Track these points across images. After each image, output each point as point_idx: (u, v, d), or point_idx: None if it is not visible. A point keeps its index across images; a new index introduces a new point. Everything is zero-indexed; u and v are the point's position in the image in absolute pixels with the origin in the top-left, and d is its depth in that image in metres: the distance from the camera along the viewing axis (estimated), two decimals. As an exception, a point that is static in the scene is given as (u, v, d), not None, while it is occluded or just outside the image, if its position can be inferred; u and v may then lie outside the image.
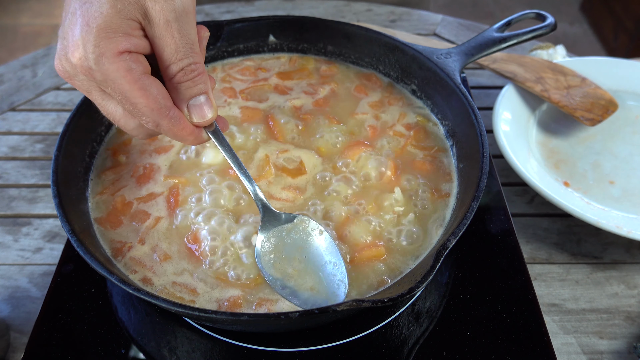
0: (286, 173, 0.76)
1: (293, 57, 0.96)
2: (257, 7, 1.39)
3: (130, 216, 0.72)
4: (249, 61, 0.96)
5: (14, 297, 0.80)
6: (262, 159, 0.78)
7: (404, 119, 0.86)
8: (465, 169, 0.75)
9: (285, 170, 0.76)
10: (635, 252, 0.86)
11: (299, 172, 0.76)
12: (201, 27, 0.60)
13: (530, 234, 0.89)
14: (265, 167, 0.76)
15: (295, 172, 0.76)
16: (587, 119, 0.97)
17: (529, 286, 0.73)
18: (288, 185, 0.75)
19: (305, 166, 0.77)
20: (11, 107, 1.13)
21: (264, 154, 0.78)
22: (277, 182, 0.75)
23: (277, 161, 0.77)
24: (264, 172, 0.76)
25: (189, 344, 0.68)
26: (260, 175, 0.76)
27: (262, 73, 0.94)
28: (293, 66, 0.95)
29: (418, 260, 0.67)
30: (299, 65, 0.95)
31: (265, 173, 0.76)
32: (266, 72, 0.94)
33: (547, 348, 0.67)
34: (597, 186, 0.91)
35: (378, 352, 0.67)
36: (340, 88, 0.91)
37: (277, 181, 0.75)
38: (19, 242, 0.88)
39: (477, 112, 0.74)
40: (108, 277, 0.57)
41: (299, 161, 0.77)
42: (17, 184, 0.97)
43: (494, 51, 0.86)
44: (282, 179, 0.76)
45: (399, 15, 1.38)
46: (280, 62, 0.96)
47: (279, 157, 0.78)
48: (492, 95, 1.13)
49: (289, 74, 0.93)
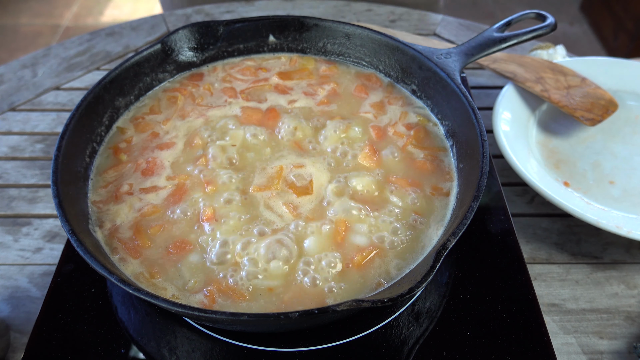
0: (292, 190, 0.75)
1: (293, 57, 0.96)
2: (257, 7, 1.39)
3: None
4: (249, 61, 0.96)
5: (14, 297, 0.80)
6: (276, 171, 0.77)
7: (405, 119, 0.86)
8: (465, 169, 0.75)
9: (292, 187, 0.75)
10: (635, 252, 0.86)
11: (305, 192, 0.75)
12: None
13: (530, 234, 0.89)
14: (275, 179, 0.75)
15: (302, 190, 0.75)
16: (587, 119, 0.97)
17: (529, 286, 0.73)
18: (290, 202, 0.73)
19: (314, 185, 0.75)
20: (11, 107, 1.13)
21: (279, 166, 0.77)
22: (281, 196, 0.74)
23: (289, 176, 0.76)
24: (272, 184, 0.75)
25: (189, 344, 0.68)
26: (267, 186, 0.75)
27: (262, 73, 0.94)
28: (293, 66, 0.95)
29: (418, 260, 0.67)
30: (299, 65, 0.95)
31: (273, 185, 0.75)
32: (267, 72, 0.94)
33: (547, 348, 0.67)
34: (597, 186, 0.91)
35: (378, 352, 0.67)
36: (340, 88, 0.91)
37: (280, 195, 0.74)
38: (19, 242, 0.88)
39: (477, 112, 0.74)
40: (108, 277, 0.57)
41: (309, 180, 0.76)
42: (17, 184, 0.97)
43: (494, 51, 0.86)
44: (287, 194, 0.74)
45: (399, 15, 1.38)
46: (280, 62, 0.96)
47: (292, 171, 0.76)
48: (492, 95, 1.13)
49: (289, 74, 0.93)
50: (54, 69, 1.23)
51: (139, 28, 1.34)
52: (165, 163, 0.78)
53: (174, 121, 0.85)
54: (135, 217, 0.72)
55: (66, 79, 1.20)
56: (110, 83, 0.82)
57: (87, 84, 1.19)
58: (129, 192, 0.74)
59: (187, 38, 0.90)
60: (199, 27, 0.91)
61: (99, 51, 1.27)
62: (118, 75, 0.83)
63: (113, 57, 1.26)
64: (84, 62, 1.25)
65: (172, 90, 0.90)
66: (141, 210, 0.72)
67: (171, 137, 0.82)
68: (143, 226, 0.71)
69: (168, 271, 0.66)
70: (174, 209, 0.72)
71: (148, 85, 0.90)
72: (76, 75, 1.21)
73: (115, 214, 0.72)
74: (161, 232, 0.70)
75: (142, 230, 0.70)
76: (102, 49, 1.28)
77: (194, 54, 0.92)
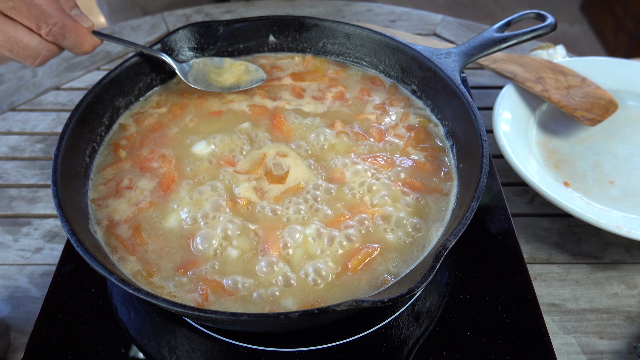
0: (268, 176, 0.76)
1: (307, 57, 0.96)
2: (257, 7, 1.39)
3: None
4: (263, 59, 0.96)
5: (14, 297, 0.80)
6: (259, 157, 0.78)
7: (406, 120, 0.86)
8: (465, 169, 0.75)
9: (269, 174, 0.76)
10: (635, 252, 0.86)
11: (278, 180, 0.75)
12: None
13: (530, 234, 0.89)
14: (257, 164, 0.77)
15: (276, 179, 0.76)
16: (587, 119, 0.97)
17: (529, 286, 0.73)
18: (259, 188, 0.74)
19: (288, 178, 0.76)
20: (11, 107, 1.13)
21: (262, 152, 0.78)
22: (257, 182, 0.75)
23: (269, 163, 0.77)
24: (252, 169, 0.76)
25: (189, 344, 0.68)
26: (249, 170, 0.76)
27: (276, 72, 0.94)
28: (306, 67, 0.95)
29: (418, 260, 0.67)
30: (312, 67, 0.95)
31: (253, 169, 0.76)
32: (281, 72, 0.94)
33: (547, 348, 0.67)
34: (597, 186, 0.91)
35: (378, 352, 0.67)
36: (346, 91, 0.91)
37: (257, 182, 0.75)
38: (19, 242, 0.88)
39: (477, 112, 0.74)
40: (108, 277, 0.57)
41: (286, 170, 0.77)
42: (17, 184, 0.97)
43: (494, 51, 0.86)
44: (262, 181, 0.75)
45: (399, 15, 1.38)
46: (294, 62, 0.96)
47: (274, 159, 0.78)
48: (492, 95, 1.13)
49: (301, 75, 0.93)
50: (54, 68, 1.23)
51: (139, 28, 1.34)
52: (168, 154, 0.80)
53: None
54: (133, 212, 0.72)
55: (66, 79, 1.20)
56: (110, 83, 0.82)
57: (87, 84, 1.19)
58: (128, 187, 0.75)
59: (187, 38, 0.90)
60: (198, 27, 0.91)
61: (99, 51, 1.27)
62: (118, 75, 0.83)
63: (113, 57, 1.26)
64: (84, 62, 1.25)
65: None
66: (139, 205, 0.73)
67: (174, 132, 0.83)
68: (141, 222, 0.71)
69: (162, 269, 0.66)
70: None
71: (148, 85, 0.90)
72: (76, 75, 1.21)
73: (114, 210, 0.72)
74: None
75: (140, 228, 0.70)
76: (102, 49, 1.28)
77: (194, 54, 0.92)
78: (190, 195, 0.73)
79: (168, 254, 0.68)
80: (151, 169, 0.78)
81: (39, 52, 0.69)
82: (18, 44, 0.66)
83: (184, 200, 0.73)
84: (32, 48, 0.67)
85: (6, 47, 0.66)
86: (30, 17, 0.65)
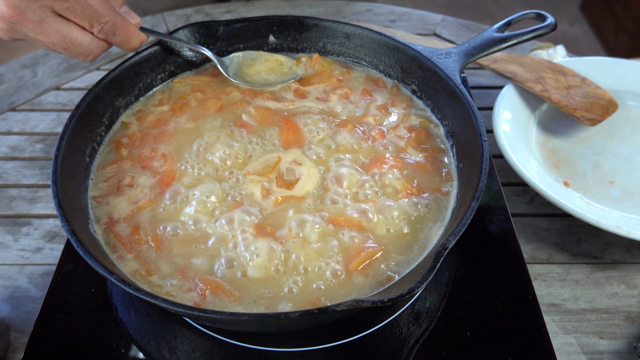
0: (279, 180, 0.75)
1: (314, 57, 0.96)
2: (257, 7, 1.39)
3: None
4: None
5: (14, 297, 0.80)
6: (274, 160, 0.77)
7: (407, 121, 0.86)
8: (465, 169, 0.75)
9: (280, 178, 0.76)
10: (635, 252, 0.86)
11: (287, 186, 0.75)
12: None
13: (530, 234, 0.89)
14: (271, 168, 0.76)
15: (286, 184, 0.75)
16: (587, 119, 0.97)
17: (529, 286, 0.73)
18: (266, 189, 0.74)
19: (296, 185, 0.75)
20: (11, 107, 1.13)
21: (277, 156, 0.78)
22: (267, 185, 0.75)
23: (282, 168, 0.77)
24: (266, 172, 0.76)
25: (189, 344, 0.68)
26: (262, 173, 0.76)
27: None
28: (314, 68, 0.95)
29: (418, 260, 0.67)
30: (319, 67, 0.95)
31: (266, 172, 0.76)
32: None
33: (547, 348, 0.67)
34: (597, 186, 0.91)
35: (378, 352, 0.67)
36: (351, 93, 0.91)
37: (268, 184, 0.75)
38: (19, 242, 0.88)
39: (477, 112, 0.74)
40: (108, 277, 0.57)
41: (297, 178, 0.76)
42: (17, 184, 0.97)
43: (494, 51, 0.86)
44: (272, 184, 0.75)
45: (399, 15, 1.38)
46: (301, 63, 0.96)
47: (289, 165, 0.77)
48: (492, 95, 1.13)
49: (308, 79, 0.93)
50: (54, 68, 1.23)
51: (139, 28, 1.34)
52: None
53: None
54: (133, 210, 0.72)
55: (66, 78, 1.20)
56: (110, 83, 0.82)
57: (87, 84, 1.19)
58: (129, 185, 0.75)
59: (187, 38, 0.90)
60: (199, 27, 0.91)
61: (99, 51, 1.27)
62: (118, 75, 0.83)
63: (113, 57, 1.26)
64: (83, 62, 1.25)
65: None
66: (138, 203, 0.73)
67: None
68: (141, 220, 0.71)
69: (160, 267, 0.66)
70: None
71: (148, 85, 0.90)
72: (76, 75, 1.21)
73: (114, 207, 0.72)
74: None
75: (139, 226, 0.70)
76: (102, 49, 1.27)
77: (193, 54, 0.92)
78: (192, 193, 0.73)
79: (167, 253, 0.68)
80: (152, 167, 0.78)
81: (91, 50, 0.72)
82: (72, 43, 0.69)
83: (186, 197, 0.73)
84: (85, 46, 0.70)
85: (61, 45, 0.69)
86: (83, 17, 0.68)
